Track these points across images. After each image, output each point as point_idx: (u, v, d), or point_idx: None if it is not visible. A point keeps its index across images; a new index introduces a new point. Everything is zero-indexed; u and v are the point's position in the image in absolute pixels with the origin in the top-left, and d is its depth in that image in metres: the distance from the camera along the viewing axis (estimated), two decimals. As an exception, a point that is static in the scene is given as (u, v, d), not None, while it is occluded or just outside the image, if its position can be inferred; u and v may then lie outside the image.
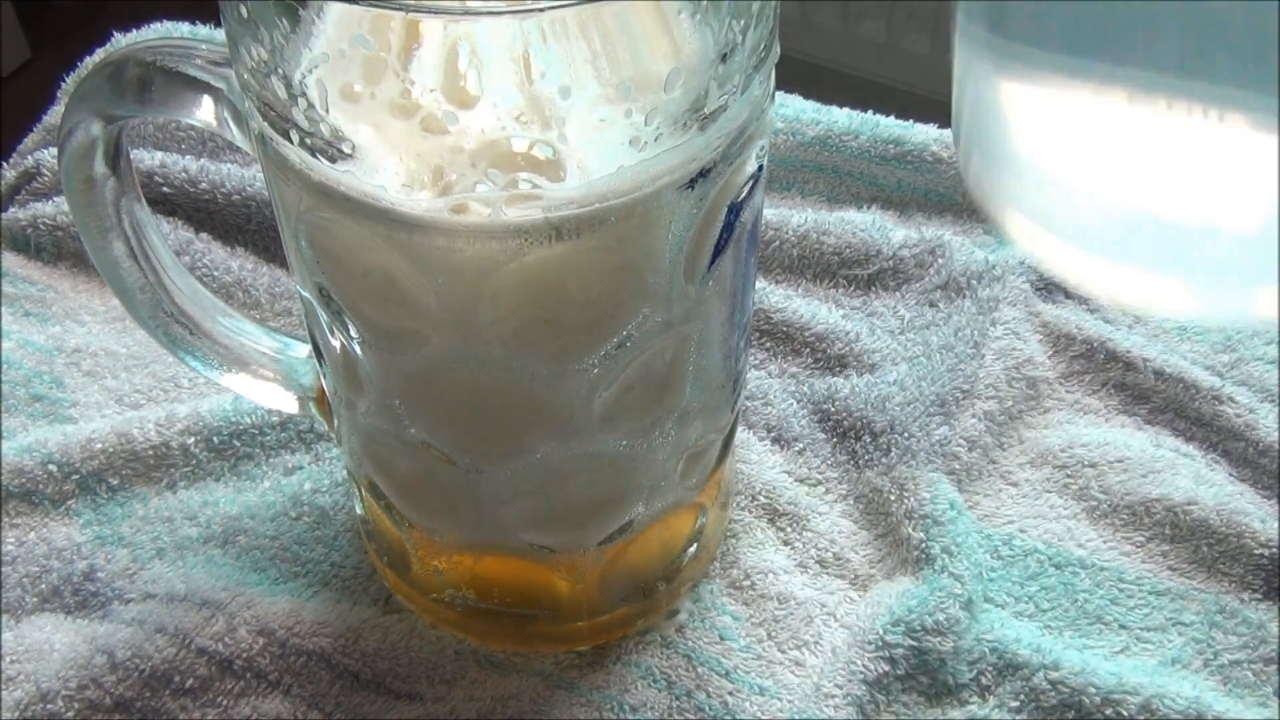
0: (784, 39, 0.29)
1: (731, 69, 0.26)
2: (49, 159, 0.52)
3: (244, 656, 0.37)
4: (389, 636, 0.37)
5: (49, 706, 0.35)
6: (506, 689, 0.37)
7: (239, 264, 0.49)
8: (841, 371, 0.45)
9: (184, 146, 0.53)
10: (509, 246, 0.25)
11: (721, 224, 0.28)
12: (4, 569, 0.39)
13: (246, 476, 0.42)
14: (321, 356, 0.33)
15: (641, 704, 0.36)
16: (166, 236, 0.44)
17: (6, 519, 0.40)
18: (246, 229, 0.50)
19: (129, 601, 0.39)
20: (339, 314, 0.29)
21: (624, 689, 0.37)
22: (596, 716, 0.36)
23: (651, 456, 0.33)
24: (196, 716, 0.36)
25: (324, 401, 0.36)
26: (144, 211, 0.34)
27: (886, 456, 0.42)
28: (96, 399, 0.45)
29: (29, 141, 0.55)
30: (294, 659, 0.37)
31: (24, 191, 0.52)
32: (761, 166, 0.29)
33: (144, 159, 0.50)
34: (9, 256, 0.50)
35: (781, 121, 0.53)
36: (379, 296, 0.28)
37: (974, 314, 0.45)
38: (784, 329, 0.47)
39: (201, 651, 0.37)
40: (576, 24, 0.24)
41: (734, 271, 0.31)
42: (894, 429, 0.42)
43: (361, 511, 0.39)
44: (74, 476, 0.41)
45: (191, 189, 0.50)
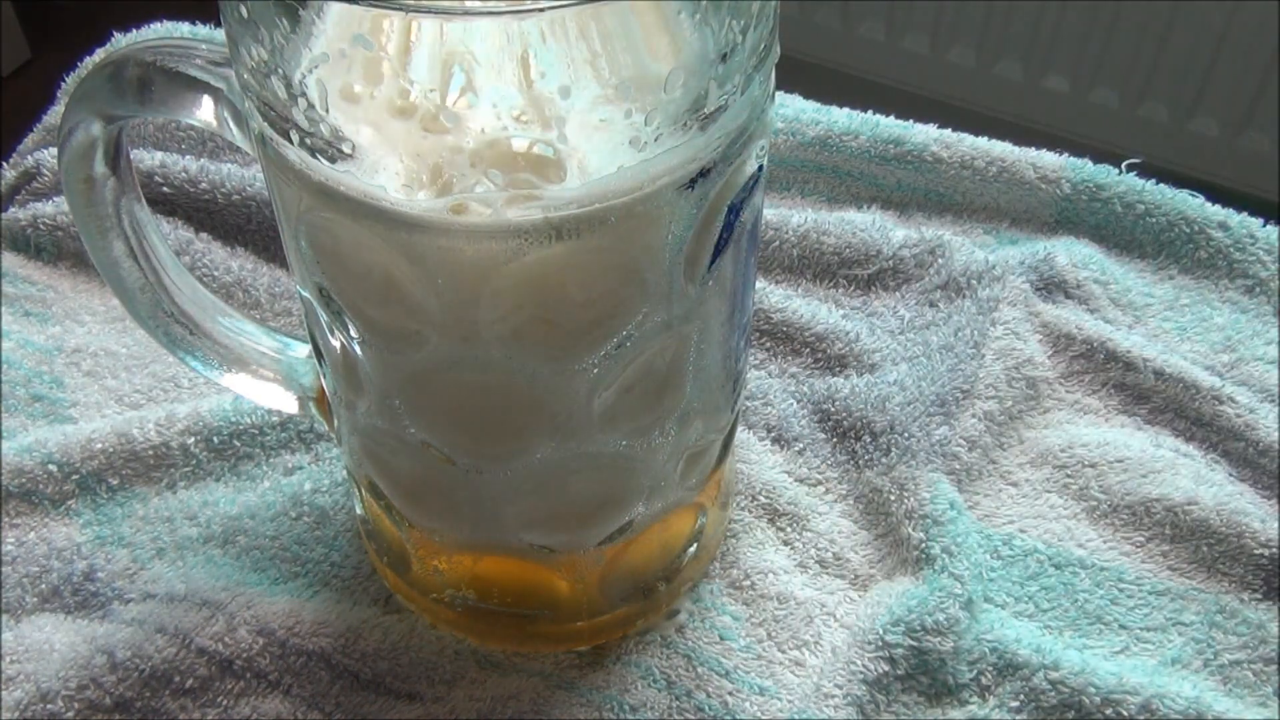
0: (784, 39, 0.29)
1: (731, 69, 0.26)
2: (49, 159, 0.52)
3: (244, 656, 0.37)
4: (389, 636, 0.37)
5: (49, 706, 0.35)
6: (506, 689, 0.37)
7: (239, 264, 0.49)
8: (841, 371, 0.45)
9: (184, 146, 0.53)
10: (509, 246, 0.25)
11: (721, 224, 0.28)
12: (4, 569, 0.39)
13: (246, 476, 0.42)
14: (321, 356, 0.33)
15: (641, 704, 0.36)
16: (166, 236, 0.44)
17: (6, 519, 0.40)
18: (246, 229, 0.50)
19: (129, 601, 0.39)
20: (339, 314, 0.29)
21: (624, 689, 0.37)
22: (596, 716, 0.36)
23: (651, 456, 0.33)
24: (196, 716, 0.36)
25: (324, 401, 0.36)
26: (144, 211, 0.34)
27: (886, 456, 0.42)
28: (96, 399, 0.45)
29: (29, 141, 0.55)
30: (294, 659, 0.37)
31: (24, 191, 0.52)
32: (761, 166, 0.29)
33: (144, 159, 0.50)
34: (9, 256, 0.50)
35: (781, 121, 0.53)
36: (379, 296, 0.28)
37: (974, 314, 0.45)
38: (784, 329, 0.47)
39: (201, 651, 0.37)
40: (576, 24, 0.24)
41: (734, 271, 0.31)
42: (894, 429, 0.42)
43: (361, 511, 0.39)
44: (74, 476, 0.41)
45: (191, 189, 0.50)
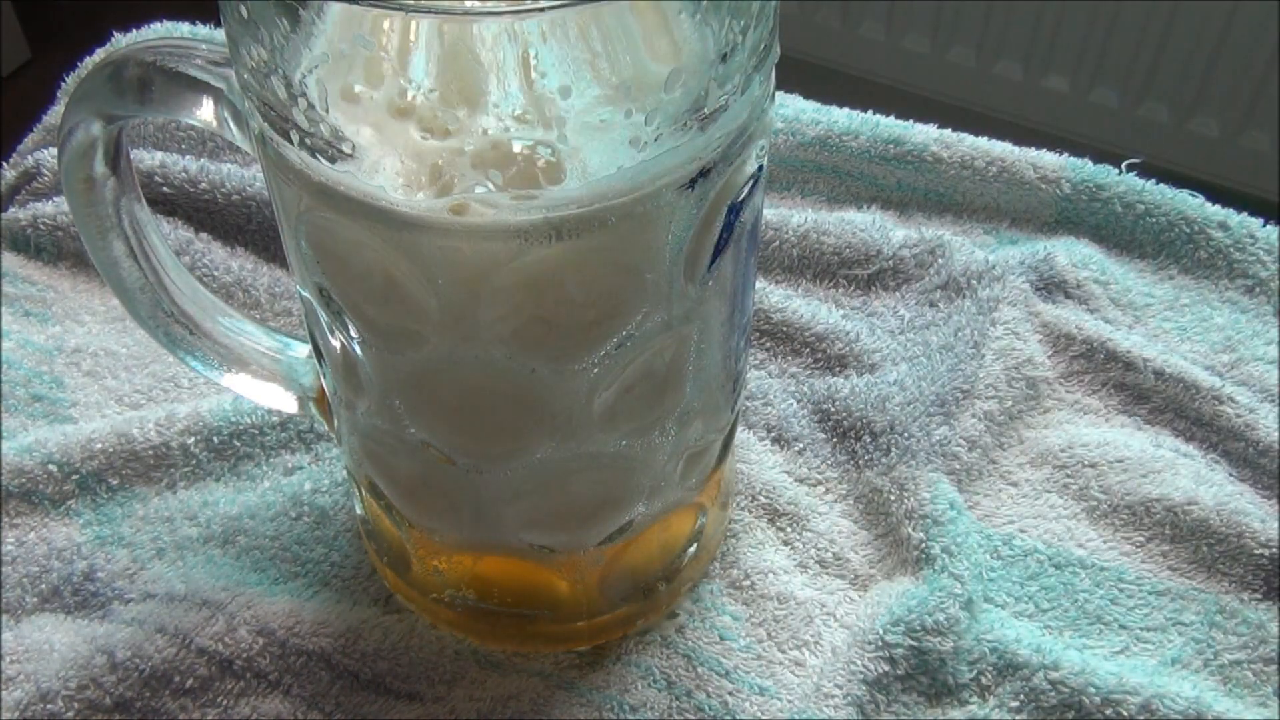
0: (784, 39, 0.29)
1: (731, 69, 0.26)
2: (49, 159, 0.52)
3: (244, 656, 0.37)
4: (389, 636, 0.37)
5: (49, 706, 0.35)
6: (506, 689, 0.37)
7: (239, 264, 0.49)
8: (841, 371, 0.45)
9: (184, 146, 0.53)
10: (509, 246, 0.25)
11: (721, 224, 0.28)
12: (4, 569, 0.39)
13: (246, 476, 0.42)
14: (321, 356, 0.33)
15: (641, 704, 0.36)
16: (166, 236, 0.44)
17: (6, 519, 0.40)
18: (246, 229, 0.50)
19: (129, 601, 0.39)
20: (339, 314, 0.29)
21: (624, 689, 0.37)
22: (596, 716, 0.36)
23: (651, 456, 0.33)
24: (196, 716, 0.36)
25: (324, 401, 0.36)
26: (144, 211, 0.34)
27: (886, 456, 0.42)
28: (96, 399, 0.45)
29: (29, 141, 0.55)
30: (294, 659, 0.37)
31: (24, 191, 0.52)
32: (761, 166, 0.29)
33: (144, 159, 0.50)
34: (9, 256, 0.50)
35: (781, 121, 0.53)
36: (379, 296, 0.28)
37: (974, 314, 0.45)
38: (784, 329, 0.47)
39: (201, 651, 0.37)
40: (576, 24, 0.24)
41: (734, 271, 0.31)
42: (894, 429, 0.42)
43: (361, 511, 0.39)
44: (74, 476, 0.41)
45: (191, 189, 0.50)
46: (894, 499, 0.41)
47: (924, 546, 0.39)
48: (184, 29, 0.58)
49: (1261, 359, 0.45)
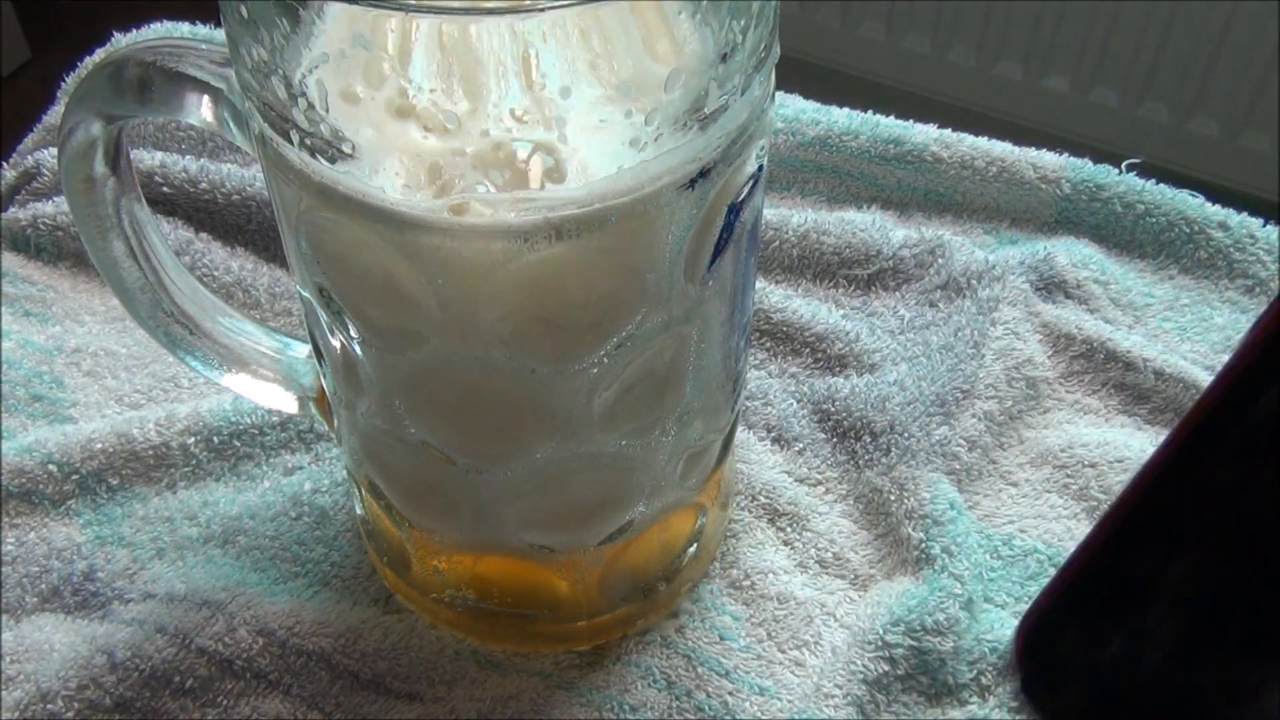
0: (784, 39, 0.29)
1: (731, 69, 0.26)
2: (49, 159, 0.52)
3: (244, 656, 0.37)
4: (389, 636, 0.37)
5: (49, 706, 0.35)
6: (506, 689, 0.37)
7: (239, 264, 0.49)
8: (841, 371, 0.45)
9: (184, 146, 0.53)
10: (509, 247, 0.25)
11: (721, 224, 0.28)
12: (4, 569, 0.39)
13: (246, 476, 0.42)
14: (321, 356, 0.33)
15: (641, 704, 0.36)
16: (166, 236, 0.44)
17: (6, 519, 0.40)
18: (246, 229, 0.50)
19: (129, 601, 0.39)
20: (339, 314, 0.29)
21: (624, 689, 0.37)
22: (596, 716, 0.36)
23: (651, 457, 0.33)
24: (196, 716, 0.36)
25: (324, 401, 0.36)
26: (144, 211, 0.34)
27: (886, 456, 0.42)
28: (96, 399, 0.45)
29: (29, 141, 0.55)
30: (294, 659, 0.37)
31: (24, 191, 0.52)
32: (761, 166, 0.29)
33: (144, 159, 0.50)
34: (9, 256, 0.50)
35: (781, 121, 0.53)
36: (379, 296, 0.28)
37: (974, 314, 0.45)
38: (784, 329, 0.47)
39: (201, 651, 0.37)
40: (576, 24, 0.24)
41: (734, 271, 0.31)
42: (894, 429, 0.42)
43: (361, 511, 0.39)
44: (74, 476, 0.41)
45: (191, 189, 0.50)
46: (894, 499, 0.41)
47: (924, 546, 0.39)
48: (184, 29, 0.58)
49: (1261, 359, 0.45)
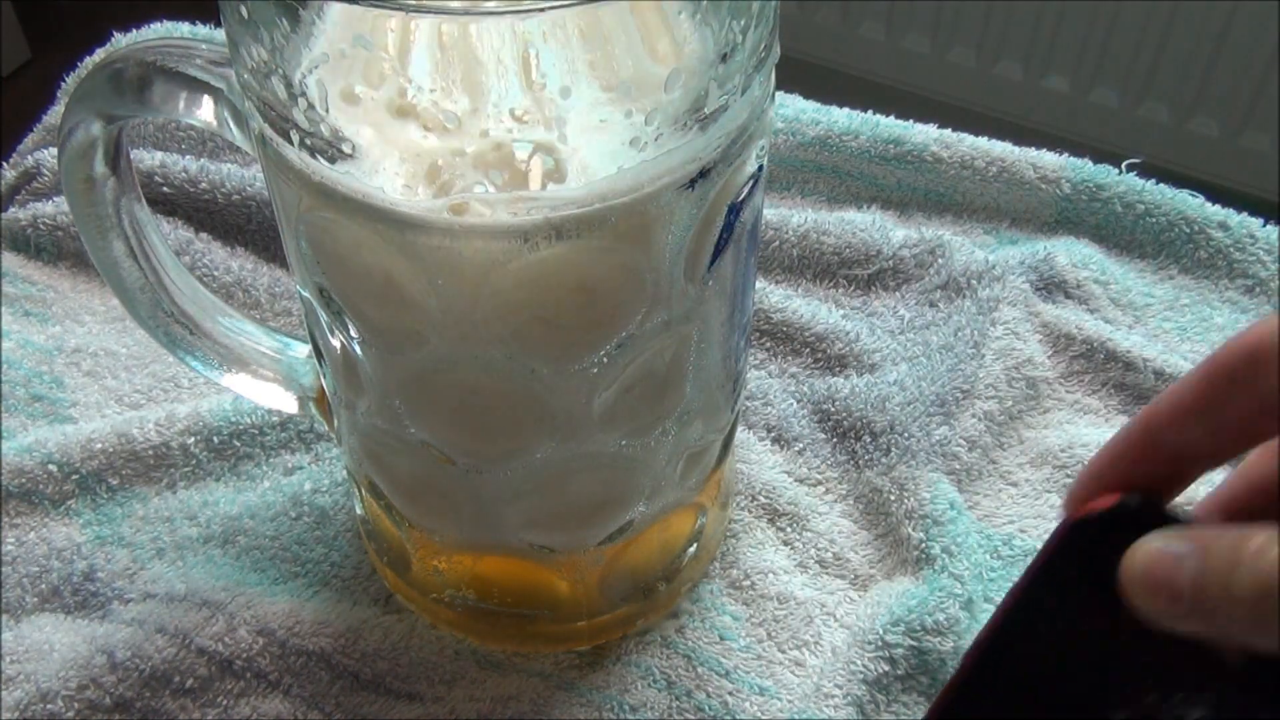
0: (784, 39, 0.29)
1: (731, 69, 0.26)
2: (49, 159, 0.52)
3: (244, 656, 0.37)
4: (389, 636, 0.37)
5: (49, 706, 0.35)
6: (506, 689, 0.37)
7: (239, 264, 0.49)
8: (841, 371, 0.45)
9: (184, 146, 0.53)
10: (509, 246, 0.25)
11: (721, 224, 0.28)
12: (4, 569, 0.39)
13: (246, 476, 0.42)
14: (321, 356, 0.33)
15: (641, 704, 0.36)
16: (166, 236, 0.44)
17: (6, 519, 0.40)
18: (246, 229, 0.50)
19: (129, 601, 0.39)
20: (339, 314, 0.29)
21: (624, 689, 0.37)
22: (596, 717, 0.36)
23: (652, 456, 0.33)
24: (196, 716, 0.36)
25: (324, 401, 0.36)
26: (144, 211, 0.34)
27: (886, 457, 0.42)
28: (96, 399, 0.45)
29: (29, 141, 0.55)
30: (294, 659, 0.37)
31: (24, 191, 0.52)
32: (761, 166, 0.29)
33: (144, 159, 0.50)
34: (9, 256, 0.50)
35: (781, 121, 0.53)
36: (379, 296, 0.28)
37: (974, 314, 0.45)
38: (784, 329, 0.47)
39: (201, 651, 0.37)
40: (576, 25, 0.24)
41: (734, 271, 0.31)
42: (894, 429, 0.42)
43: (361, 511, 0.39)
44: (74, 476, 0.41)
45: (191, 189, 0.50)
46: (894, 499, 0.41)
47: (924, 546, 0.39)
48: (184, 29, 0.58)
49: (1261, 359, 0.45)
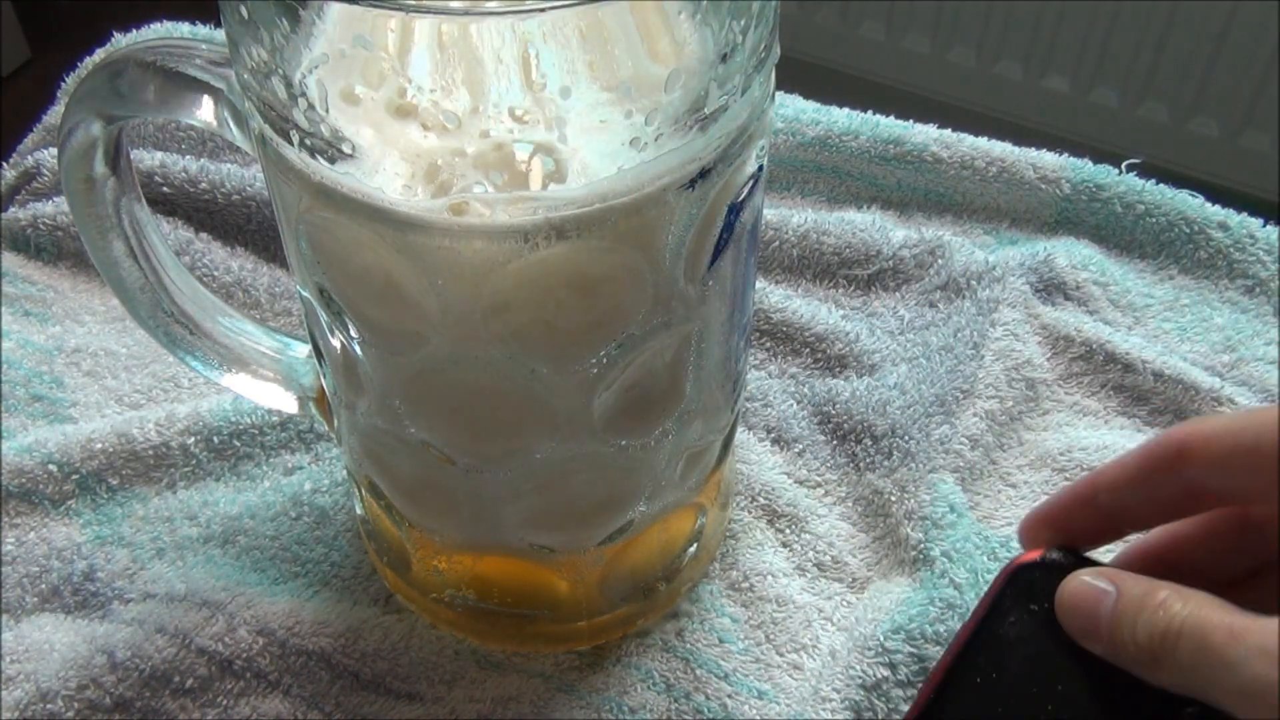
0: (784, 39, 0.29)
1: (732, 69, 0.26)
2: (49, 159, 0.52)
3: (244, 656, 0.37)
4: (389, 636, 0.37)
5: (49, 706, 0.35)
6: (506, 690, 0.37)
7: (239, 264, 0.49)
8: (841, 372, 0.45)
9: (184, 146, 0.53)
10: (509, 247, 0.25)
11: (722, 224, 0.28)
12: (4, 569, 0.39)
13: (246, 476, 0.42)
14: (321, 356, 0.33)
15: (641, 706, 0.36)
16: (166, 236, 0.44)
17: (6, 519, 0.40)
18: (246, 229, 0.50)
19: (129, 601, 0.39)
20: (339, 314, 0.29)
21: (623, 691, 0.37)
22: (596, 718, 0.36)
23: (651, 457, 0.33)
24: (196, 716, 0.36)
25: (324, 401, 0.36)
26: (144, 211, 0.34)
27: (888, 460, 0.42)
28: (96, 399, 0.45)
29: (29, 141, 0.55)
30: (294, 659, 0.37)
31: (24, 191, 0.52)
32: (761, 167, 0.29)
33: (144, 159, 0.50)
34: (9, 256, 0.50)
35: (781, 121, 0.53)
36: (379, 296, 0.28)
37: (974, 315, 0.45)
38: (784, 329, 0.47)
39: (201, 651, 0.37)
40: (576, 25, 0.24)
41: (734, 271, 0.31)
42: (895, 432, 0.42)
43: (361, 511, 0.39)
44: (74, 476, 0.41)
45: (191, 189, 0.50)
46: (894, 500, 0.41)
47: (922, 548, 0.39)
48: (184, 29, 0.58)
49: (1261, 359, 0.45)
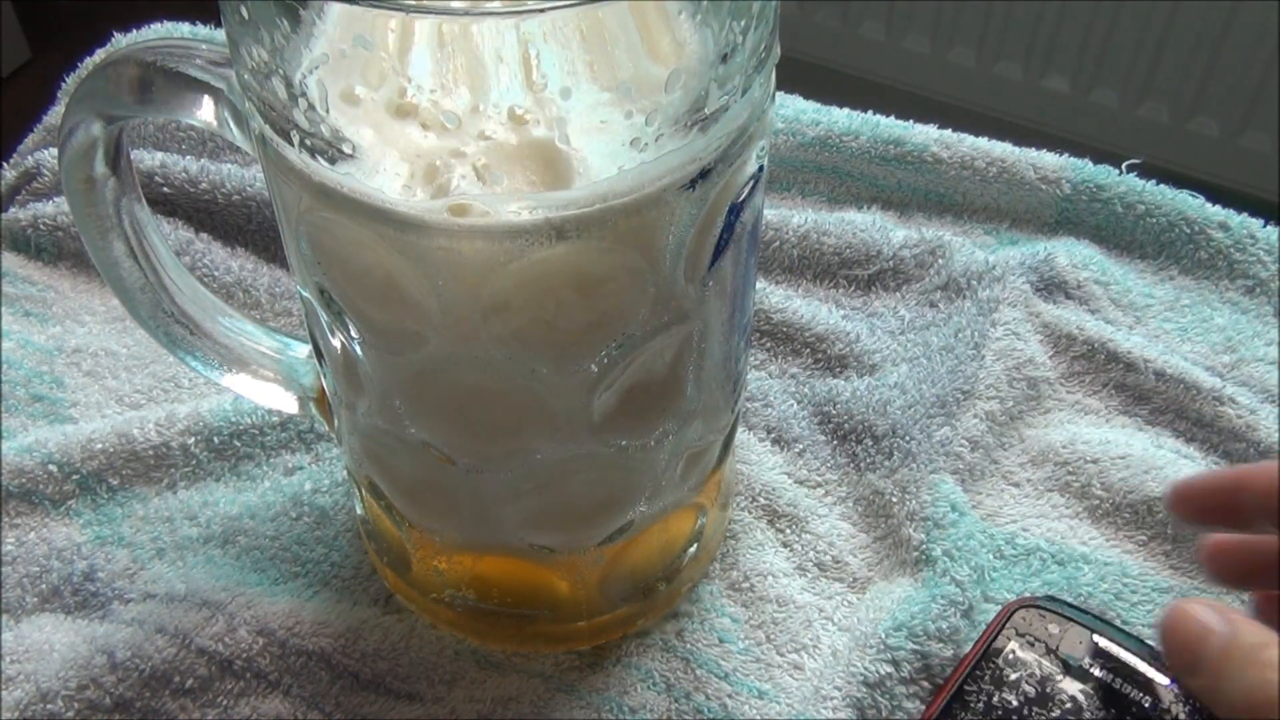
0: (784, 39, 0.29)
1: (732, 70, 0.26)
2: (49, 159, 0.52)
3: (244, 656, 0.37)
4: (389, 636, 0.37)
5: (49, 706, 0.35)
6: (506, 690, 0.37)
7: (239, 264, 0.49)
8: (842, 372, 0.45)
9: (184, 146, 0.53)
10: (509, 247, 0.25)
11: (722, 224, 0.28)
12: (4, 569, 0.39)
13: (246, 476, 0.42)
14: (321, 356, 0.33)
15: (641, 706, 0.36)
16: (166, 236, 0.44)
17: (6, 519, 0.40)
18: (246, 229, 0.50)
19: (129, 601, 0.39)
20: (339, 314, 0.29)
21: (623, 691, 0.37)
22: (596, 718, 0.36)
23: (651, 457, 0.33)
24: (196, 716, 0.36)
25: (324, 401, 0.36)
26: (144, 211, 0.34)
27: (889, 460, 0.42)
28: (96, 399, 0.45)
29: (29, 141, 0.55)
30: (294, 659, 0.37)
31: (24, 191, 0.52)
32: (762, 167, 0.29)
33: (144, 159, 0.50)
34: (9, 256, 0.50)
35: (781, 121, 0.53)
36: (379, 297, 0.28)
37: (974, 314, 0.45)
38: (784, 329, 0.47)
39: (201, 651, 0.37)
40: (576, 25, 0.24)
41: (734, 272, 0.31)
42: (895, 433, 0.42)
43: (361, 511, 0.39)
44: (74, 476, 0.41)
45: (191, 189, 0.50)
46: (895, 501, 0.41)
47: (924, 548, 0.39)
48: (184, 29, 0.58)
49: (1262, 359, 0.45)
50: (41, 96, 0.57)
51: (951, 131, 0.52)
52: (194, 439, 0.42)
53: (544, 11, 0.23)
